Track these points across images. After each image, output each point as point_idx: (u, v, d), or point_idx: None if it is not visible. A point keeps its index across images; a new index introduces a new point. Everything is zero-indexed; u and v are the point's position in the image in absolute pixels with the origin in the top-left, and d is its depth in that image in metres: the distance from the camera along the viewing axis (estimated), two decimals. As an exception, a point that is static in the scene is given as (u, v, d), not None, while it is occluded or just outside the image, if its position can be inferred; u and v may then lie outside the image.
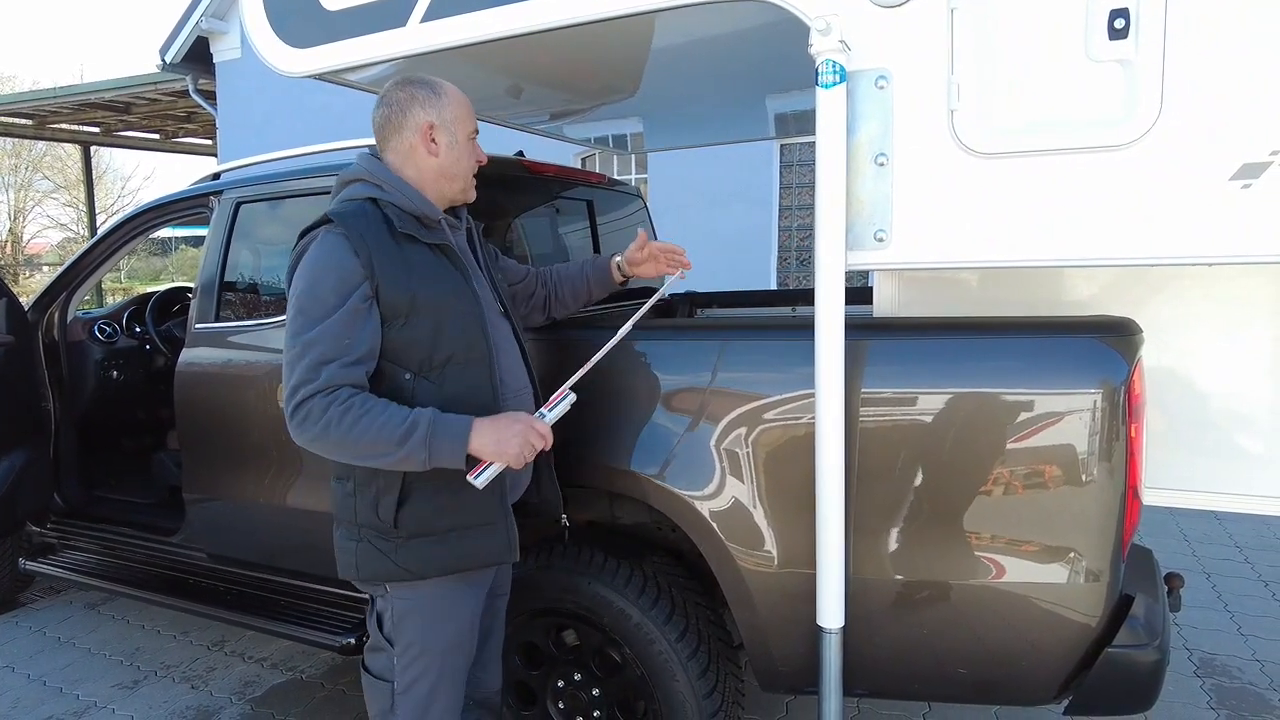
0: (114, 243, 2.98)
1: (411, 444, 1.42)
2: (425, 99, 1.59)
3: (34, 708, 2.71)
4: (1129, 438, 1.52)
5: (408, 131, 1.58)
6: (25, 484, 2.88)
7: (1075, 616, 1.55)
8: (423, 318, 1.52)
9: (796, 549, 1.67)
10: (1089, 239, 1.44)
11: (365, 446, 1.43)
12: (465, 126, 1.63)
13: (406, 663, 1.59)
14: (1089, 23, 1.39)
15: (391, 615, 1.59)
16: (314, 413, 1.42)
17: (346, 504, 1.55)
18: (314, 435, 1.43)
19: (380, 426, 1.42)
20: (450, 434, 1.45)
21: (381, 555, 1.53)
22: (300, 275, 1.50)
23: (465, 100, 1.65)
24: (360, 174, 1.60)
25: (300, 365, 1.43)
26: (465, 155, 1.63)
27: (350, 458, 1.47)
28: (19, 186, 23.28)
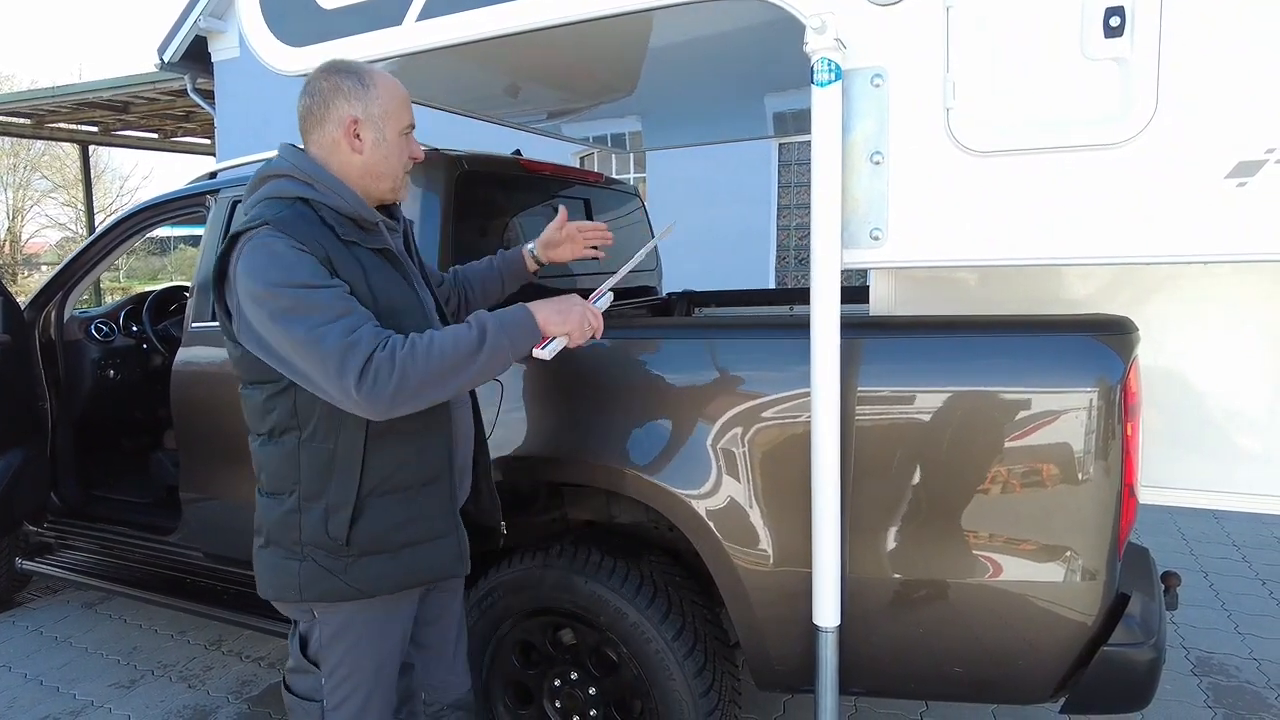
0: (110, 242, 2.98)
1: (490, 345, 1.36)
2: (350, 90, 1.44)
3: (30, 707, 2.70)
4: (1125, 436, 1.52)
5: (330, 125, 1.45)
6: (22, 483, 2.88)
7: (1071, 615, 1.55)
8: (382, 322, 1.40)
9: (792, 547, 1.67)
10: (1085, 237, 1.44)
11: (449, 371, 1.34)
12: (396, 122, 1.48)
13: (336, 683, 1.52)
14: (1085, 21, 1.39)
15: (318, 638, 1.51)
16: (382, 369, 1.29)
17: (286, 521, 1.44)
18: (394, 390, 1.30)
19: (452, 346, 1.34)
20: (517, 320, 1.41)
21: (329, 574, 1.43)
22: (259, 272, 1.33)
23: (398, 93, 1.50)
24: (286, 170, 1.45)
25: (331, 345, 1.29)
26: (395, 153, 1.49)
27: (435, 392, 1.35)
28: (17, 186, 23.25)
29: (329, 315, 1.31)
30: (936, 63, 1.49)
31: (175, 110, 12.65)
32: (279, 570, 1.47)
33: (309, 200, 1.43)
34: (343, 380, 1.29)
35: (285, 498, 1.44)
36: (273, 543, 1.47)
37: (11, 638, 3.22)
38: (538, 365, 1.96)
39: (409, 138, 1.52)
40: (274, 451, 1.45)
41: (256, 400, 1.45)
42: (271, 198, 1.43)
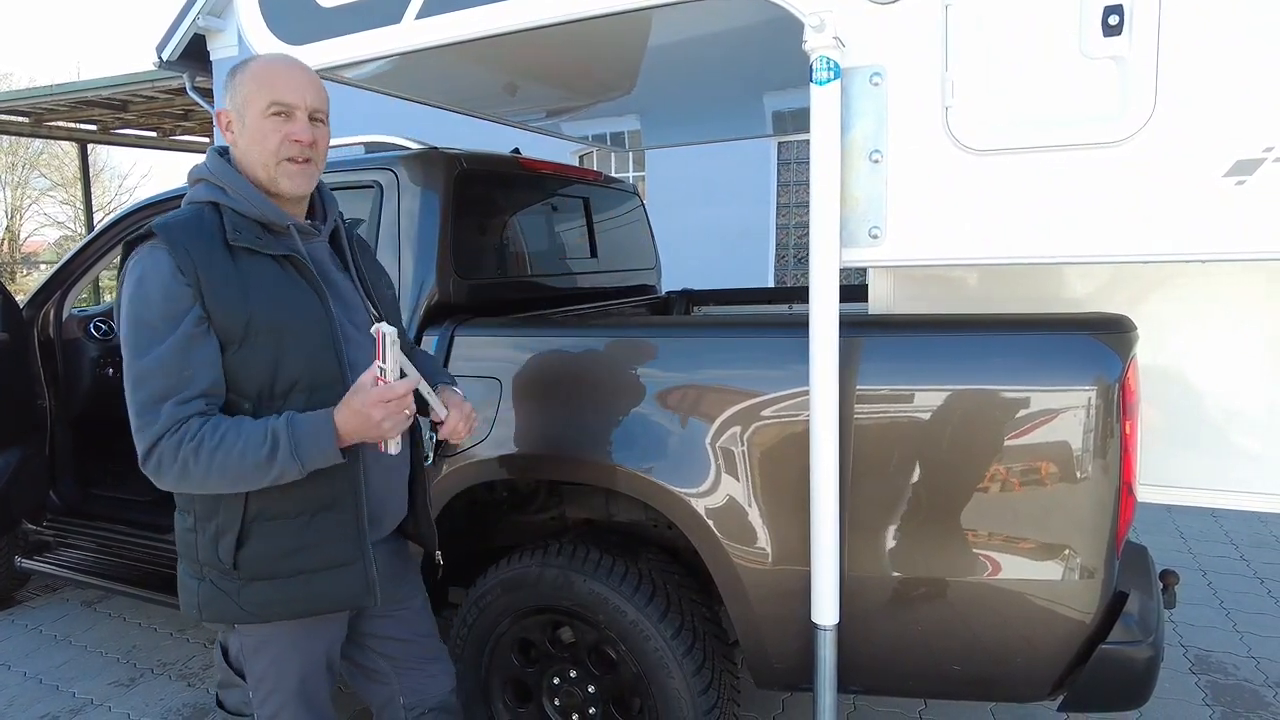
0: (109, 240, 2.97)
1: (280, 461, 1.29)
2: (227, 83, 1.40)
3: (29, 705, 2.71)
4: (1123, 435, 1.52)
5: (220, 124, 1.43)
6: (20, 482, 2.88)
7: (1070, 613, 1.55)
8: (261, 341, 1.35)
9: (791, 546, 1.67)
10: (1083, 236, 1.45)
11: (233, 478, 1.30)
12: (255, 103, 1.36)
13: (263, 697, 1.49)
14: (1083, 20, 1.39)
15: (240, 650, 1.49)
16: (165, 457, 1.27)
17: (187, 539, 1.41)
18: (175, 479, 1.29)
19: (241, 454, 1.28)
20: (313, 436, 1.31)
21: (224, 596, 1.38)
22: (126, 299, 1.31)
23: (264, 72, 1.38)
24: (204, 174, 1.41)
25: (137, 406, 1.28)
26: (259, 138, 1.37)
27: (224, 489, 1.33)
28: (15, 184, 23.23)
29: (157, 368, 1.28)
30: (935, 61, 1.49)
31: (174, 109, 12.63)
32: (185, 589, 1.44)
33: (218, 204, 1.39)
34: (138, 451, 1.30)
35: (186, 516, 1.41)
36: (182, 558, 1.45)
37: (10, 636, 3.22)
38: (534, 365, 1.97)
39: (278, 118, 1.37)
40: None
41: None
42: (189, 200, 1.42)
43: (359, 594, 1.45)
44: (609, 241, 3.13)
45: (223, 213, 1.38)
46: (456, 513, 2.22)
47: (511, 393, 1.97)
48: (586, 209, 3.04)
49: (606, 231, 3.13)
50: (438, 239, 2.19)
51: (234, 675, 1.52)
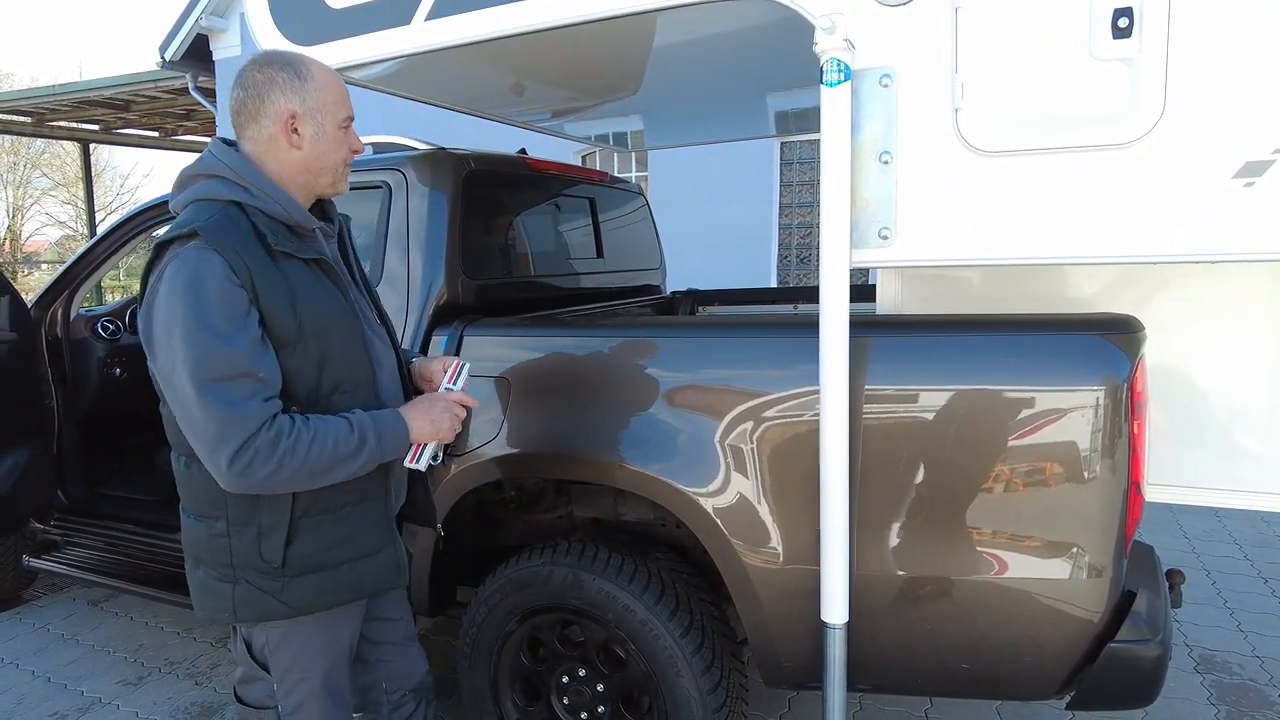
0: (116, 240, 2.98)
1: (366, 455, 1.38)
2: (287, 83, 1.38)
3: (39, 704, 2.72)
4: (1132, 434, 1.53)
5: (266, 120, 1.39)
6: (28, 481, 2.89)
7: (1078, 612, 1.56)
8: (310, 345, 1.38)
9: (801, 545, 1.68)
10: (1092, 237, 1.45)
11: (322, 471, 1.35)
12: (335, 114, 1.43)
13: (289, 688, 1.51)
14: (1093, 22, 1.40)
15: (265, 645, 1.50)
16: (260, 455, 1.28)
17: (216, 545, 1.40)
18: (264, 477, 1.29)
19: (334, 448, 1.34)
20: (393, 432, 1.43)
21: (265, 595, 1.40)
22: (176, 301, 1.27)
23: (336, 83, 1.44)
24: (220, 170, 1.38)
25: (215, 408, 1.26)
26: (334, 147, 1.44)
27: (305, 485, 1.36)
28: (17, 184, 23.24)
29: (231, 371, 1.27)
30: (945, 63, 1.50)
31: (176, 108, 12.64)
32: (213, 593, 1.43)
33: (242, 205, 1.37)
34: (215, 453, 1.27)
35: (214, 521, 1.41)
36: (203, 564, 1.43)
37: (19, 635, 3.23)
38: (543, 365, 1.97)
39: (349, 130, 1.47)
40: (198, 475, 1.38)
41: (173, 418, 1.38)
42: (203, 199, 1.37)
43: (392, 576, 1.53)
44: (615, 241, 3.14)
45: (250, 214, 1.37)
46: (464, 512, 2.23)
47: (520, 393, 1.98)
48: (592, 209, 3.05)
49: (612, 231, 3.14)
50: (446, 239, 2.20)
51: (258, 669, 1.53)
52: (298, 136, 1.40)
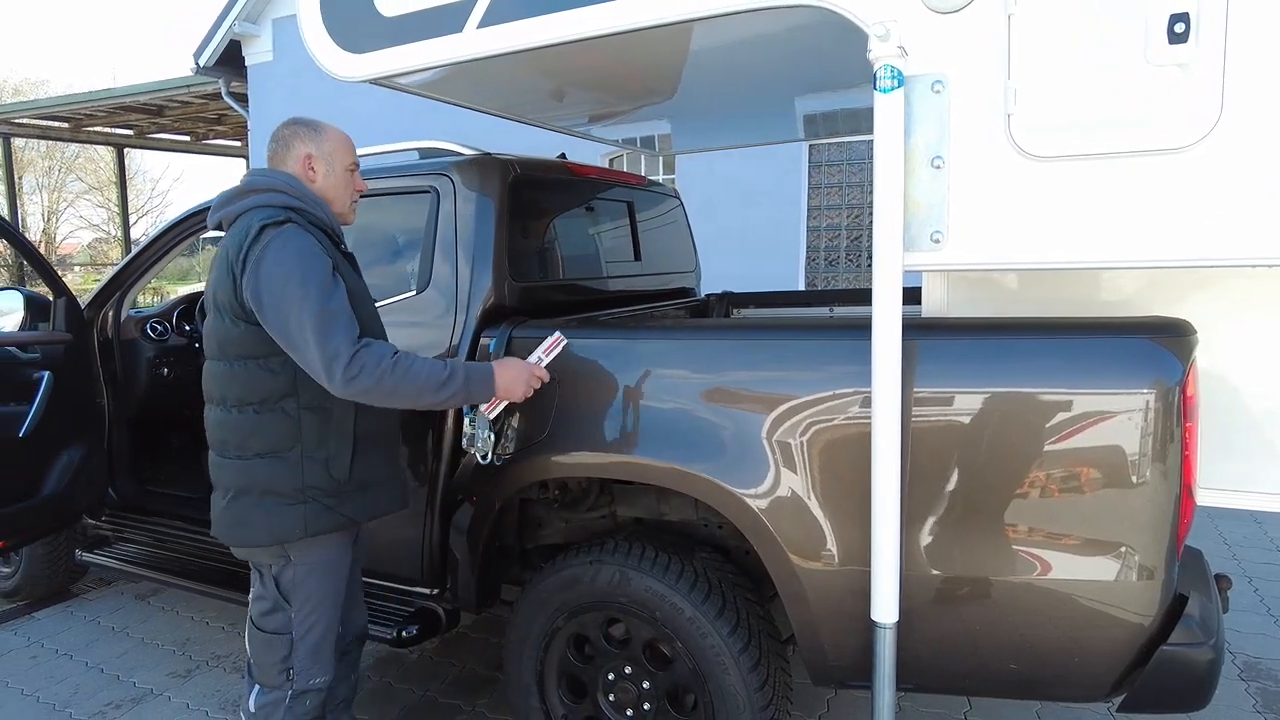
0: (167, 243, 3.06)
1: (451, 389, 1.74)
2: (305, 135, 1.86)
3: (94, 694, 2.79)
4: (1184, 438, 1.54)
5: (290, 160, 1.85)
6: (82, 478, 2.97)
7: (1129, 615, 1.56)
8: (360, 308, 1.78)
9: (850, 544, 1.70)
10: (1146, 241, 1.46)
11: (412, 392, 1.70)
12: (341, 159, 1.89)
13: (305, 615, 1.85)
14: (1148, 27, 1.41)
15: (293, 577, 1.83)
16: (367, 367, 1.64)
17: (290, 473, 1.76)
18: (368, 386, 1.65)
19: (425, 375, 1.70)
20: (481, 380, 1.80)
21: (328, 510, 1.79)
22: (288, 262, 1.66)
23: (344, 139, 1.93)
24: (278, 185, 1.80)
25: (332, 332, 1.63)
26: (341, 184, 1.90)
27: (397, 400, 1.71)
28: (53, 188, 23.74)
29: (339, 307, 1.67)
30: (998, 69, 1.51)
31: (208, 113, 12.88)
32: (282, 516, 1.76)
33: (297, 210, 1.76)
34: (331, 368, 1.63)
35: (288, 453, 1.76)
36: (271, 494, 1.76)
37: (70, 627, 3.32)
38: (591, 366, 2.01)
39: (354, 174, 1.93)
40: (270, 418, 1.75)
41: (252, 373, 1.74)
42: (263, 206, 1.75)
43: (403, 500, 1.99)
44: (651, 244, 3.17)
45: (303, 215, 1.77)
46: (507, 510, 2.27)
47: (568, 393, 2.02)
48: (630, 212, 3.08)
49: (649, 234, 3.17)
50: (493, 243, 2.24)
51: (282, 602, 1.85)
52: (313, 172, 1.85)
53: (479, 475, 2.13)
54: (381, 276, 2.50)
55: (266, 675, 1.88)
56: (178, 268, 22.85)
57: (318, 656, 1.89)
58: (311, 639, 1.87)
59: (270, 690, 1.88)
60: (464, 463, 2.13)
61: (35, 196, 23.85)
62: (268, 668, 1.88)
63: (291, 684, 1.87)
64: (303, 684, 1.88)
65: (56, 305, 2.97)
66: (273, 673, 1.87)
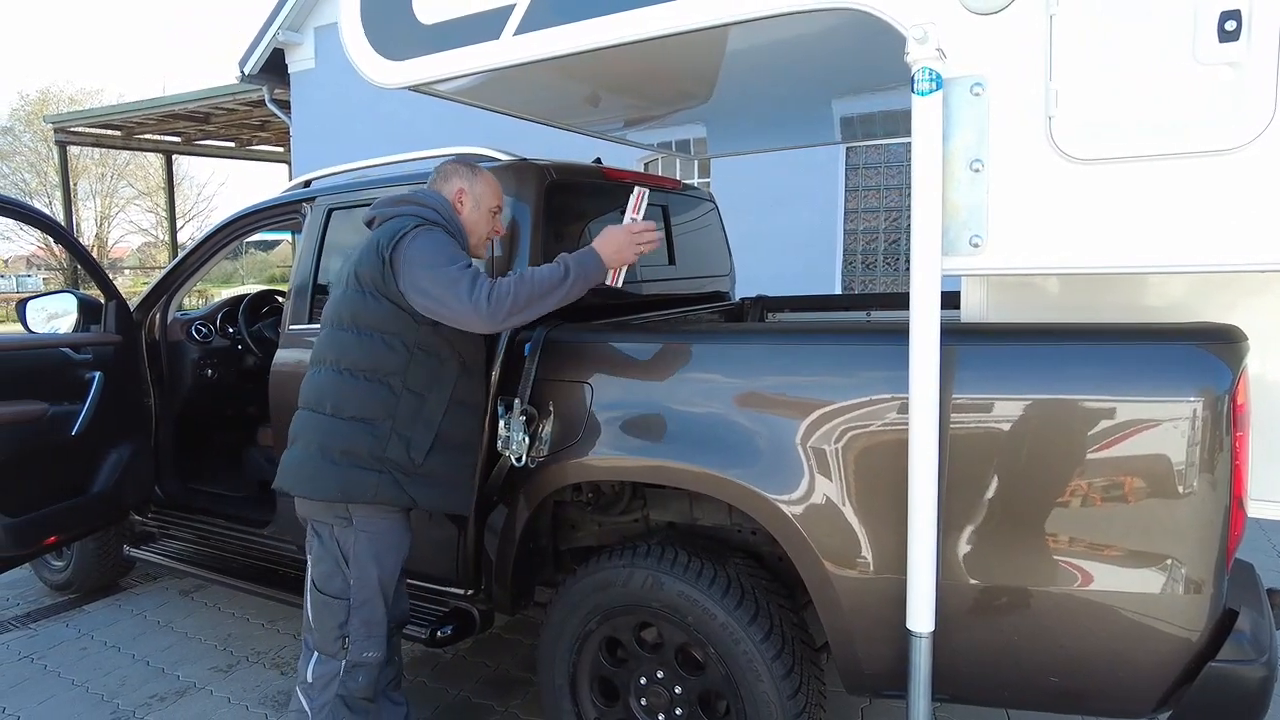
0: (212, 246, 3.15)
1: (571, 279, 1.91)
2: (464, 173, 2.10)
3: (140, 686, 2.87)
4: (1233, 448, 1.49)
5: (446, 191, 2.08)
6: (130, 476, 3.06)
7: (1176, 629, 1.52)
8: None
9: (886, 552, 1.68)
10: (1195, 245, 1.42)
11: (544, 295, 1.88)
12: (488, 201, 2.11)
13: (364, 583, 1.96)
14: (1197, 25, 1.37)
15: (353, 541, 1.95)
16: (500, 293, 1.83)
17: (377, 443, 1.91)
18: (508, 307, 1.84)
19: (547, 279, 1.89)
20: (591, 262, 1.95)
21: (397, 486, 1.92)
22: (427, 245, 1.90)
23: (496, 186, 2.14)
24: (433, 204, 2.03)
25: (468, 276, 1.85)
26: (483, 221, 2.11)
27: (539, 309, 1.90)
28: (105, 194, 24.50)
29: (466, 271, 1.87)
30: (1038, 70, 1.48)
31: (252, 120, 13.19)
32: (355, 479, 1.90)
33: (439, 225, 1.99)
34: (475, 299, 1.82)
35: (378, 424, 1.91)
36: (352, 455, 1.91)
37: (118, 620, 3.42)
38: (626, 370, 2.02)
39: (496, 216, 2.14)
40: (374, 388, 1.92)
41: (375, 345, 1.92)
42: (419, 216, 1.98)
43: (464, 504, 2.12)
44: (686, 248, 3.17)
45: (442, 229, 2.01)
46: (541, 512, 2.28)
47: (602, 397, 2.02)
48: (665, 217, 3.08)
49: (684, 238, 3.17)
50: (529, 247, 2.26)
51: (343, 564, 1.96)
52: (462, 205, 2.08)
53: (513, 477, 2.15)
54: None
55: (324, 641, 1.97)
56: (222, 271, 23.44)
57: (371, 630, 1.97)
58: (366, 611, 1.96)
59: (328, 659, 1.97)
60: (499, 465, 2.15)
61: (89, 202, 24.67)
62: (326, 633, 1.97)
63: (346, 653, 1.96)
64: (356, 655, 1.96)
65: (107, 308, 3.07)
66: (330, 639, 1.97)
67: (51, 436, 2.76)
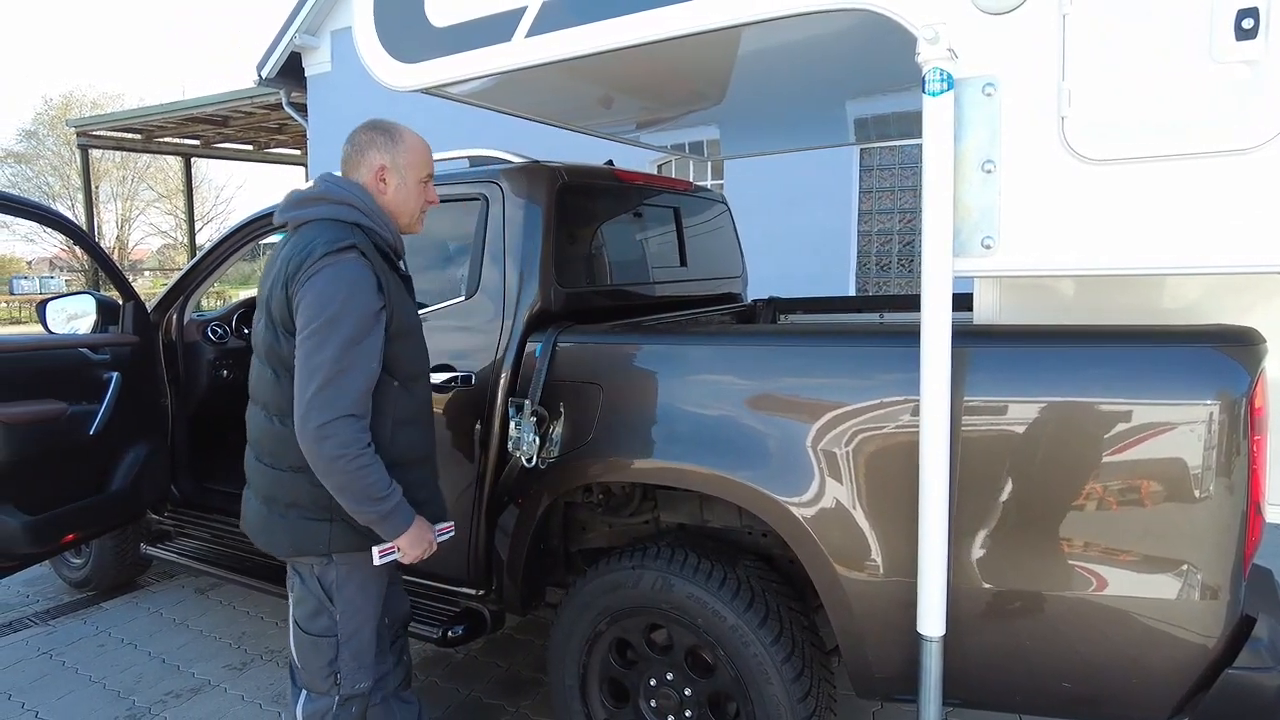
0: (229, 248, 3.17)
1: (380, 511, 1.68)
2: (382, 144, 1.80)
3: (155, 682, 2.90)
4: (1251, 452, 1.47)
5: (364, 169, 1.80)
6: (147, 475, 3.09)
7: (1191, 635, 1.50)
8: (412, 339, 1.81)
9: (896, 555, 1.67)
10: (1211, 246, 1.41)
11: (354, 491, 1.65)
12: (416, 171, 1.83)
13: (349, 617, 1.83)
14: (1214, 24, 1.36)
15: (335, 580, 1.81)
16: (339, 438, 1.61)
17: (317, 491, 1.71)
18: (328, 457, 1.62)
19: (373, 485, 1.66)
20: (402, 521, 1.73)
21: (354, 531, 1.75)
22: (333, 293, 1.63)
23: (422, 148, 1.85)
24: (348, 198, 1.76)
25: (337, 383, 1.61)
26: (413, 196, 1.84)
27: (330, 487, 1.66)
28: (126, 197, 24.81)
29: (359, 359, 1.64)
30: (1051, 70, 1.47)
31: (269, 123, 13.32)
32: (307, 530, 1.75)
33: (362, 226, 1.74)
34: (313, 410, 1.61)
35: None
36: (298, 507, 1.75)
37: (136, 618, 3.45)
38: (635, 372, 2.02)
39: (427, 185, 1.86)
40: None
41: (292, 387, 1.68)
42: (331, 219, 1.73)
43: (443, 512, 1.93)
44: (698, 250, 3.16)
45: (368, 234, 1.75)
46: (552, 513, 2.29)
47: (612, 398, 2.02)
48: (677, 218, 3.08)
49: (695, 240, 3.16)
50: (540, 249, 2.27)
51: (326, 602, 1.82)
52: (384, 184, 1.80)
53: (524, 478, 2.15)
54: (432, 282, 2.55)
55: (314, 680, 1.86)
56: (239, 272, 23.66)
57: (361, 660, 1.87)
58: (355, 642, 1.85)
59: (318, 696, 1.86)
60: (510, 465, 2.16)
61: (110, 205, 25.02)
62: (315, 672, 1.85)
63: (339, 688, 1.85)
64: (349, 688, 1.86)
65: (125, 309, 3.11)
66: (320, 677, 1.85)
67: (70, 436, 2.79)
